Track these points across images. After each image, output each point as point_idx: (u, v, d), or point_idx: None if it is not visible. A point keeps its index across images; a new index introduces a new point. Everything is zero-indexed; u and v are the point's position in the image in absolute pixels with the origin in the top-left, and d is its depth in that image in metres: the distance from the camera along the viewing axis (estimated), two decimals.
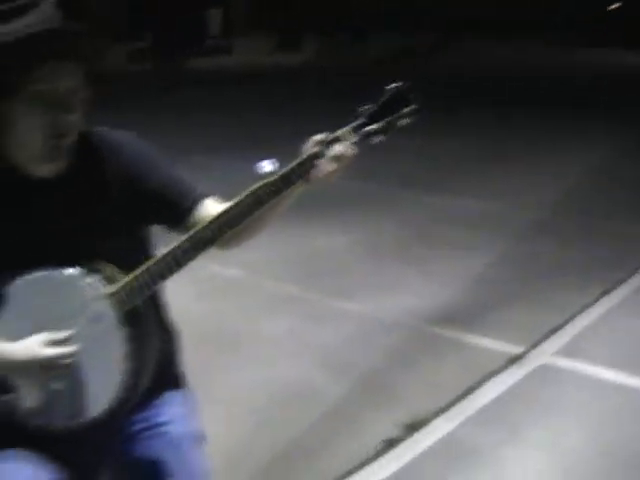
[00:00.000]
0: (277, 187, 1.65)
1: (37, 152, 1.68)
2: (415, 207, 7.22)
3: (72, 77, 1.65)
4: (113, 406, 1.74)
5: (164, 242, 1.78)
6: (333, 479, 3.15)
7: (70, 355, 1.68)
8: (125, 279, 1.69)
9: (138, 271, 1.69)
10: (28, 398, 1.75)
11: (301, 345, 4.45)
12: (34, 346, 1.68)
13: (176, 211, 1.82)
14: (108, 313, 1.70)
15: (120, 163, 1.80)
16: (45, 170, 1.74)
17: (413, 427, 3.51)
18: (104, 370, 1.72)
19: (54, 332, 1.69)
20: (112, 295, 1.69)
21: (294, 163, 1.66)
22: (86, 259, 1.73)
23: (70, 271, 1.70)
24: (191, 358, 2.13)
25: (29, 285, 1.71)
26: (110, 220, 1.78)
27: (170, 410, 1.91)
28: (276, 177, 1.65)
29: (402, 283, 5.38)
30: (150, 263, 1.68)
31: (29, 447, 1.78)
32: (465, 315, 4.85)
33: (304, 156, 1.67)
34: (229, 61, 22.82)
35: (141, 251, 1.86)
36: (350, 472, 3.20)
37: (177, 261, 1.66)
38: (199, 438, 1.91)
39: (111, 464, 1.89)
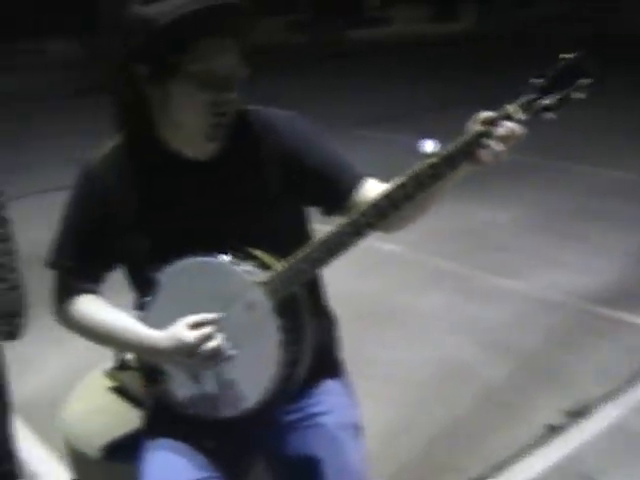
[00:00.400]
0: (440, 168, 1.51)
1: (197, 132, 1.65)
2: (569, 179, 6.97)
3: (230, 54, 1.61)
4: (266, 398, 1.69)
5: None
6: (494, 465, 3.05)
7: (214, 340, 1.64)
8: (281, 266, 1.63)
9: (295, 257, 1.62)
10: (179, 387, 1.74)
11: (460, 323, 4.35)
12: (178, 330, 1.64)
13: (335, 192, 1.75)
14: (262, 301, 1.64)
15: (277, 142, 1.74)
16: (200, 152, 1.71)
17: (578, 414, 3.36)
18: (257, 360, 1.67)
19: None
20: (267, 283, 1.63)
21: (459, 142, 1.51)
22: (241, 244, 1.69)
23: (224, 257, 1.66)
24: (347, 334, 2.08)
25: (182, 271, 1.68)
26: (266, 202, 1.74)
27: (328, 400, 1.85)
28: (440, 157, 1.52)
29: (563, 260, 5.17)
30: (308, 248, 1.60)
31: (180, 436, 1.77)
32: (631, 294, 4.60)
33: (470, 135, 1.52)
34: (388, 32, 22.66)
35: (298, 235, 1.81)
36: (512, 458, 3.09)
37: (336, 246, 1.58)
38: (357, 430, 1.85)
39: (263, 455, 1.87)
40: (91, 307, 1.76)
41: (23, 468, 2.47)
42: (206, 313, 1.64)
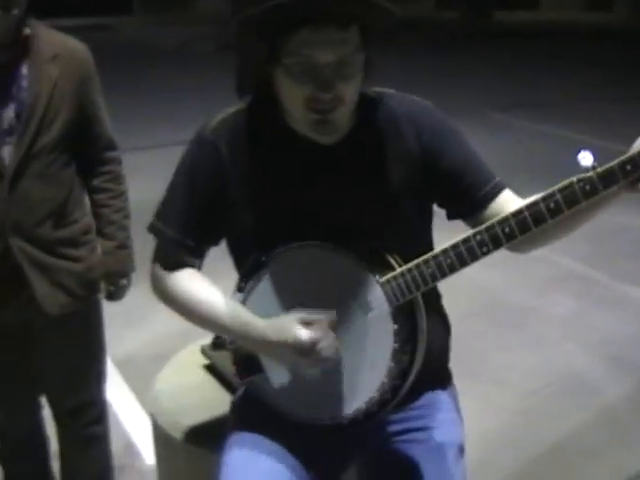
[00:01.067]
0: (593, 186, 1.32)
1: (303, 124, 1.50)
2: None
3: (335, 48, 1.41)
4: (369, 407, 1.55)
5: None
6: None
7: (328, 342, 1.48)
8: (405, 267, 1.48)
9: (421, 260, 1.46)
10: (274, 382, 1.61)
11: (587, 331, 4.11)
12: (289, 325, 1.48)
13: (470, 198, 1.57)
14: (381, 303, 1.49)
15: (412, 135, 1.57)
16: (320, 137, 1.54)
17: None
18: (366, 365, 1.53)
19: (315, 312, 1.51)
20: (388, 283, 1.49)
21: (621, 159, 1.31)
22: (363, 238, 1.54)
23: (345, 249, 1.51)
24: (461, 328, 1.93)
25: (296, 257, 1.54)
26: (393, 196, 1.57)
27: (434, 414, 1.70)
28: (594, 173, 1.32)
29: None
30: (435, 252, 1.45)
31: (268, 434, 1.64)
32: None
33: (634, 152, 1.31)
34: (536, 16, 21.96)
35: (422, 237, 1.67)
36: None
37: (468, 254, 1.42)
38: (462, 451, 1.69)
39: (356, 464, 1.73)
40: (191, 283, 1.63)
41: (106, 408, 2.43)
42: (317, 309, 1.50)
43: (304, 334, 1.47)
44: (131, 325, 4.02)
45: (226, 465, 1.61)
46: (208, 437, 1.96)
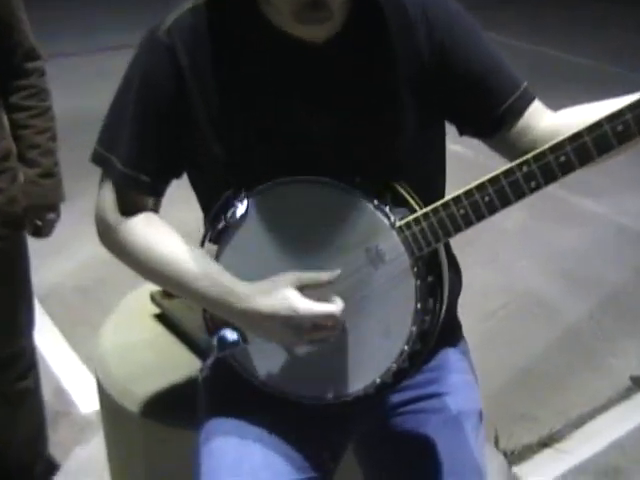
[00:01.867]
0: None
1: (286, 10, 1.13)
2: None
3: None
4: (385, 380, 1.25)
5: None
6: (576, 417, 2.73)
7: (337, 316, 1.17)
8: (430, 207, 1.15)
9: (450, 197, 1.14)
10: (263, 354, 1.29)
11: (540, 247, 3.94)
12: (282, 291, 1.16)
13: (492, 111, 1.26)
14: (398, 254, 1.17)
15: (421, 27, 1.24)
16: (306, 32, 1.19)
17: None
18: (379, 331, 1.22)
19: (314, 269, 1.18)
20: (408, 228, 1.16)
21: None
22: (366, 163, 1.22)
23: (347, 183, 1.17)
24: None
25: (283, 195, 1.20)
26: (400, 108, 1.25)
27: (449, 377, 1.42)
28: None
29: None
30: (468, 189, 1.12)
31: (257, 414, 1.34)
32: None
33: None
34: None
35: (438, 170, 1.37)
36: (594, 412, 2.76)
37: (507, 193, 1.11)
38: (481, 417, 1.43)
39: (360, 443, 1.44)
40: (149, 232, 1.27)
41: (35, 356, 2.17)
42: (313, 265, 1.19)
43: (302, 305, 1.15)
44: (52, 253, 3.65)
45: (211, 456, 1.30)
46: (168, 409, 1.65)
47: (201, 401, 1.43)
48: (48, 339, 3.07)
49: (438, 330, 1.26)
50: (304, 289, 1.17)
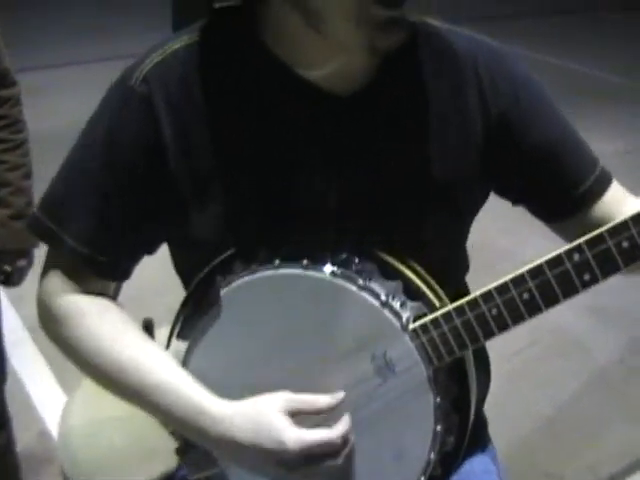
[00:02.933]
0: None
1: (348, 37, 0.90)
2: None
3: None
4: None
5: None
6: (608, 475, 2.50)
7: (338, 442, 0.94)
8: (452, 306, 0.93)
9: (478, 294, 0.91)
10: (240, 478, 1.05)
11: None
12: (269, 418, 0.93)
13: (562, 195, 1.05)
14: (413, 362, 0.94)
15: (474, 87, 1.01)
16: (337, 77, 0.96)
17: None
18: (393, 457, 0.98)
19: (307, 385, 0.96)
20: (426, 332, 0.93)
21: None
22: (375, 250, 0.98)
23: (349, 274, 0.94)
24: None
25: (272, 286, 0.96)
26: (429, 184, 1.02)
27: None
28: None
29: None
30: (501, 283, 0.91)
31: None
32: None
33: None
34: None
35: (460, 255, 1.16)
36: (629, 469, 2.52)
37: (554, 289, 0.90)
38: None
39: None
40: (104, 327, 1.03)
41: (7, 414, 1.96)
42: (305, 374, 0.95)
43: (291, 436, 0.92)
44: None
45: None
46: None
47: None
48: (33, 370, 2.85)
49: (464, 449, 1.02)
50: (296, 415, 0.94)
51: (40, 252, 1.72)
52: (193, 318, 0.99)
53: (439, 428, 0.95)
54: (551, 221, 1.09)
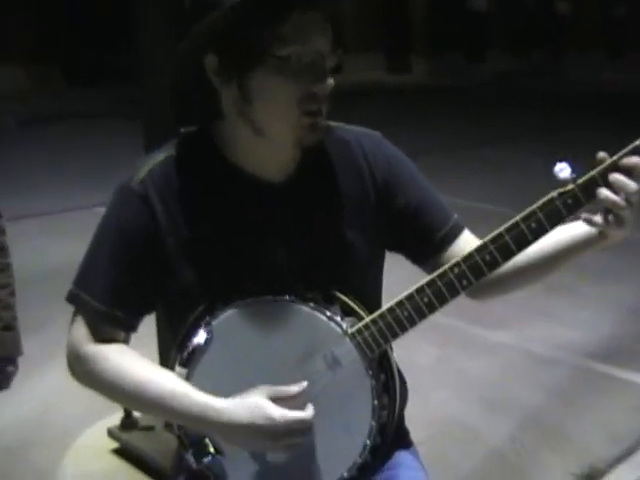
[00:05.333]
0: (576, 199, 1.21)
1: (283, 139, 1.32)
2: None
3: (327, 33, 1.28)
4: (352, 474, 1.36)
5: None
6: None
7: (305, 422, 1.29)
8: (377, 313, 1.32)
9: (394, 302, 1.32)
10: (234, 465, 1.37)
11: (454, 377, 4.11)
12: (257, 403, 1.28)
13: (428, 241, 1.45)
14: (353, 358, 1.32)
15: (366, 169, 1.43)
16: (273, 170, 1.38)
17: (591, 478, 3.12)
18: (342, 430, 1.35)
19: (280, 382, 1.31)
20: (360, 333, 1.31)
21: (602, 167, 1.21)
22: (319, 283, 1.37)
23: (302, 300, 1.32)
24: None
25: (244, 316, 1.33)
26: (348, 240, 1.42)
27: (408, 473, 1.53)
28: (575, 185, 1.22)
29: (552, 312, 4.99)
30: (409, 293, 1.31)
31: None
32: (625, 350, 4.41)
33: (613, 160, 1.21)
34: (338, 79, 22.66)
35: (377, 285, 1.53)
36: None
37: (443, 293, 1.29)
38: None
39: None
40: (124, 361, 1.37)
41: None
42: (277, 374, 1.30)
43: (278, 413, 1.26)
44: None
45: None
46: None
47: None
48: None
49: (394, 425, 1.37)
50: (276, 401, 1.27)
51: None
52: (187, 350, 1.34)
53: (376, 403, 1.31)
54: (417, 262, 1.48)
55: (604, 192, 1.20)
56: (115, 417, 2.05)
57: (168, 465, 1.56)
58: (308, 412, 1.29)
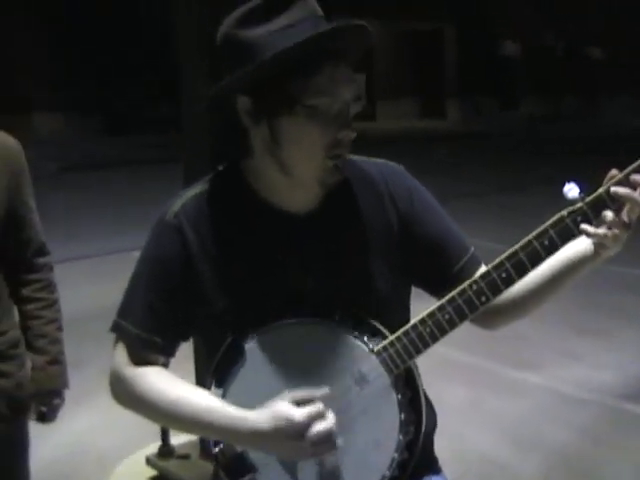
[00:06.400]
0: (585, 216, 1.31)
1: (308, 178, 1.41)
2: (592, 275, 6.72)
3: (353, 83, 1.38)
4: None
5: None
6: None
7: (326, 421, 1.35)
8: (401, 331, 1.40)
9: (417, 320, 1.40)
10: (271, 479, 1.44)
11: (486, 417, 4.14)
12: (281, 408, 1.34)
13: (446, 273, 1.52)
14: (379, 374, 1.40)
15: (390, 200, 1.51)
16: (298, 203, 1.47)
17: None
18: (371, 444, 1.41)
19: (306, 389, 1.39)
20: (385, 350, 1.40)
21: (607, 185, 1.30)
22: (345, 309, 1.44)
23: (330, 321, 1.41)
24: None
25: (274, 337, 1.42)
26: (372, 269, 1.50)
27: None
28: (584, 203, 1.31)
29: (582, 354, 5.04)
30: (431, 311, 1.39)
31: None
32: None
33: (620, 177, 1.30)
34: (373, 126, 22.93)
35: (404, 312, 1.58)
36: None
37: (463, 309, 1.37)
38: None
39: None
40: (161, 381, 1.46)
41: None
42: (311, 388, 1.38)
43: (298, 413, 1.33)
44: None
45: None
46: None
47: None
48: None
49: (422, 445, 1.45)
50: (299, 405, 1.35)
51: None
52: (223, 370, 1.44)
53: (403, 417, 1.39)
54: (433, 293, 1.54)
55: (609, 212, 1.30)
56: (153, 446, 2.15)
57: None
58: (330, 415, 1.35)
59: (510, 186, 11.83)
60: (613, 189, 1.30)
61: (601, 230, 1.32)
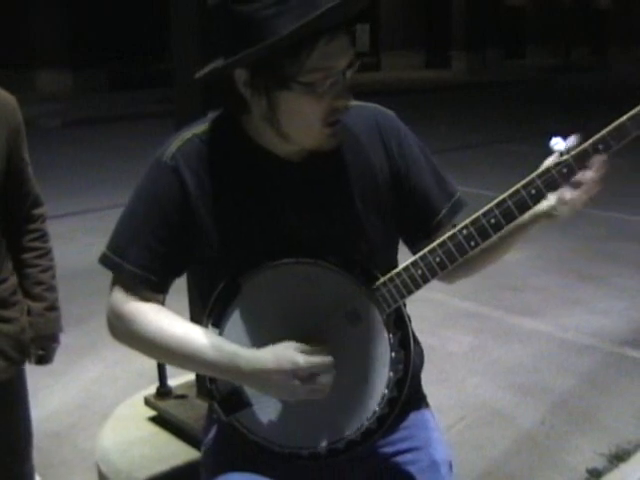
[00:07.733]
0: (570, 168, 1.37)
1: (307, 143, 1.44)
2: (590, 223, 6.80)
3: (348, 51, 1.38)
4: (370, 425, 1.47)
5: None
6: None
7: (332, 366, 1.40)
8: (394, 272, 1.43)
9: (409, 262, 1.42)
10: (263, 416, 1.49)
11: (488, 365, 4.19)
12: (285, 351, 1.38)
13: (428, 220, 1.57)
14: (371, 312, 1.43)
15: (382, 147, 1.53)
16: (294, 154, 1.48)
17: (619, 458, 3.20)
18: (363, 380, 1.45)
19: (304, 335, 1.41)
20: (378, 290, 1.43)
21: (593, 140, 1.36)
22: (337, 253, 1.46)
23: (323, 261, 1.43)
24: None
25: (269, 276, 1.44)
26: (362, 215, 1.52)
27: (424, 434, 1.64)
28: (570, 156, 1.36)
29: (583, 300, 5.10)
30: (422, 254, 1.42)
31: (257, 469, 1.54)
32: None
33: (603, 133, 1.35)
34: (377, 77, 22.76)
35: (392, 254, 1.61)
36: None
37: (453, 253, 1.40)
38: (451, 467, 1.64)
39: None
40: (160, 318, 1.48)
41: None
42: (301, 328, 1.41)
43: (301, 358, 1.37)
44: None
45: None
46: None
47: (205, 469, 1.61)
48: None
49: (411, 383, 1.49)
50: (307, 353, 1.39)
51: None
52: (218, 309, 1.47)
53: (393, 355, 1.42)
54: (418, 242, 1.56)
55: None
56: (151, 388, 2.20)
57: (201, 429, 1.68)
58: (329, 357, 1.39)
59: (513, 136, 11.79)
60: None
61: (568, 194, 1.40)
